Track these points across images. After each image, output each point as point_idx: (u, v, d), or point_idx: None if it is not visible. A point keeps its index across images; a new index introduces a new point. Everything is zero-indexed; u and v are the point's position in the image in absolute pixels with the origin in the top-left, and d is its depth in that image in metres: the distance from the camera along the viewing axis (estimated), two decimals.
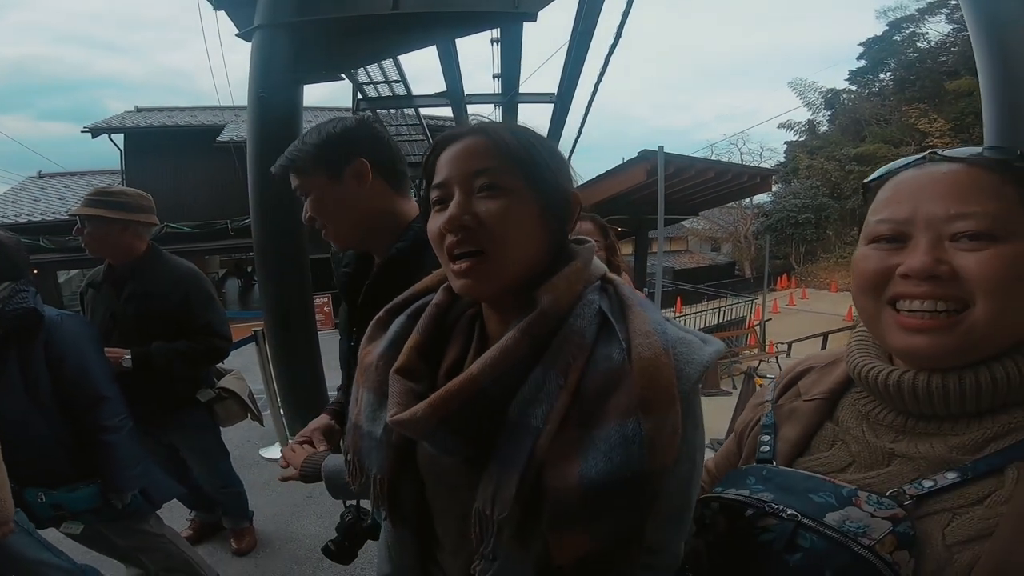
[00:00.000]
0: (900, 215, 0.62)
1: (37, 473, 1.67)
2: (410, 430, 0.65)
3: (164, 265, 2.22)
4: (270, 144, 3.54)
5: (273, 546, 2.74)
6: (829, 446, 0.71)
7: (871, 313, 0.66)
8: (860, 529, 0.58)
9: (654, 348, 0.62)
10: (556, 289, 0.66)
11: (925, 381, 0.61)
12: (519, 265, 0.66)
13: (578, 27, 4.66)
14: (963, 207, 0.58)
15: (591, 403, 0.62)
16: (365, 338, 0.83)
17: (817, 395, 0.76)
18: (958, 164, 0.61)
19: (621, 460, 0.59)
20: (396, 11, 3.46)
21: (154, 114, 14.95)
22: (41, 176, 15.76)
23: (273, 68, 3.49)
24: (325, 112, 15.80)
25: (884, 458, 0.65)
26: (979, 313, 0.57)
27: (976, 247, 0.57)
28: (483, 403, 0.62)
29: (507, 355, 0.63)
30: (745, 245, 27.94)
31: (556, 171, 0.70)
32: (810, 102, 28.71)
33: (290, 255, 3.66)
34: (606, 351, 0.64)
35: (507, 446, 0.62)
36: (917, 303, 0.60)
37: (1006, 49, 0.77)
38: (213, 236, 13.57)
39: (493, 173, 0.66)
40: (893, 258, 0.62)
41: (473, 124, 0.72)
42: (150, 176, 13.92)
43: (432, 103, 7.00)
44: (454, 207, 0.66)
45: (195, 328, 2.18)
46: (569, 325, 0.65)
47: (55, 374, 1.67)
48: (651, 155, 8.76)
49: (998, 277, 0.56)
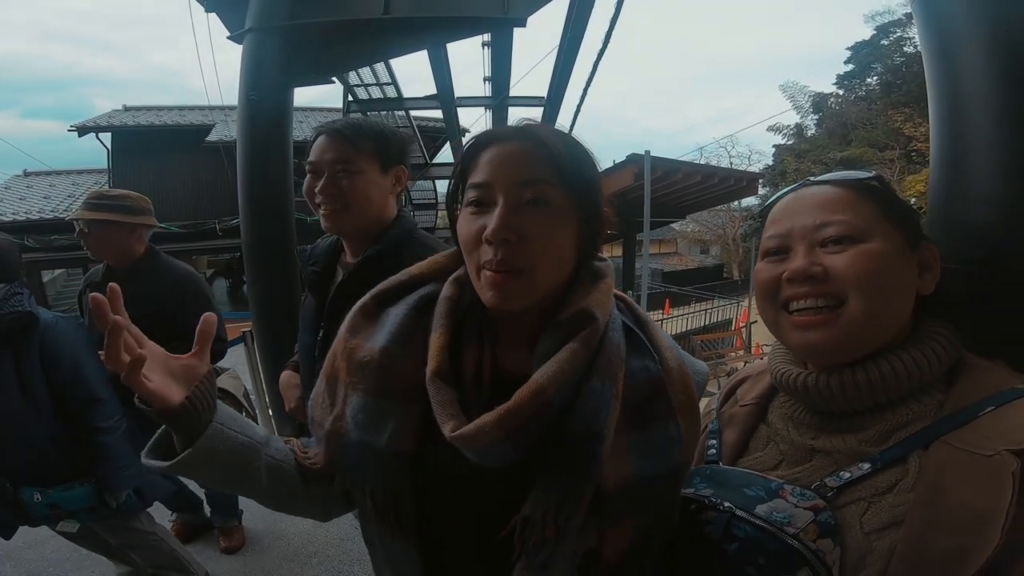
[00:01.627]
0: (781, 230, 0.73)
1: (33, 473, 1.70)
2: (472, 443, 0.61)
3: (162, 267, 2.23)
4: (260, 146, 3.56)
5: (262, 544, 2.77)
6: (763, 446, 0.79)
7: (772, 318, 0.74)
8: (785, 519, 0.64)
9: (678, 360, 0.71)
10: (602, 305, 0.68)
11: (825, 380, 0.69)
12: (551, 283, 0.67)
13: (567, 32, 4.71)
14: (828, 217, 0.69)
15: (637, 409, 0.67)
16: (347, 329, 0.74)
17: (750, 401, 0.85)
18: (825, 186, 0.73)
19: (665, 457, 0.67)
20: (387, 15, 3.49)
21: (142, 113, 14.80)
22: (26, 175, 15.55)
23: (264, 71, 3.49)
24: (315, 112, 15.76)
25: (807, 454, 0.72)
26: (853, 305, 0.66)
27: (841, 249, 0.67)
28: (546, 413, 0.62)
29: (573, 366, 0.63)
30: (733, 248, 28.13)
31: (599, 190, 0.70)
32: (799, 105, 28.97)
33: (279, 256, 3.66)
34: (641, 362, 0.69)
35: (573, 454, 0.62)
36: (802, 302, 0.69)
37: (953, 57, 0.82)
38: (201, 236, 13.47)
39: (542, 186, 0.64)
40: (779, 267, 0.72)
41: (525, 125, 0.68)
42: (137, 175, 13.80)
43: (423, 106, 7.03)
44: (499, 219, 0.63)
45: (192, 330, 2.14)
46: (609, 338, 0.68)
47: (50, 376, 1.69)
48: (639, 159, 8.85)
49: (863, 271, 0.65)
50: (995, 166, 0.80)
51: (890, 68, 25.47)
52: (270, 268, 3.73)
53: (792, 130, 29.49)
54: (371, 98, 7.04)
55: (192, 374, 0.68)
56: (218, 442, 0.67)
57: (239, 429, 0.71)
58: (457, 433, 0.61)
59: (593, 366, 0.65)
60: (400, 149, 1.42)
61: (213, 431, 0.67)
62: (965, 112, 0.84)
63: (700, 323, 12.75)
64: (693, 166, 10.93)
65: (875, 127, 25.06)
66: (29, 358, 1.66)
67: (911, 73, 24.28)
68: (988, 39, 0.81)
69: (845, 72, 27.62)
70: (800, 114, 29.21)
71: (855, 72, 27.30)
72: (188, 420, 0.65)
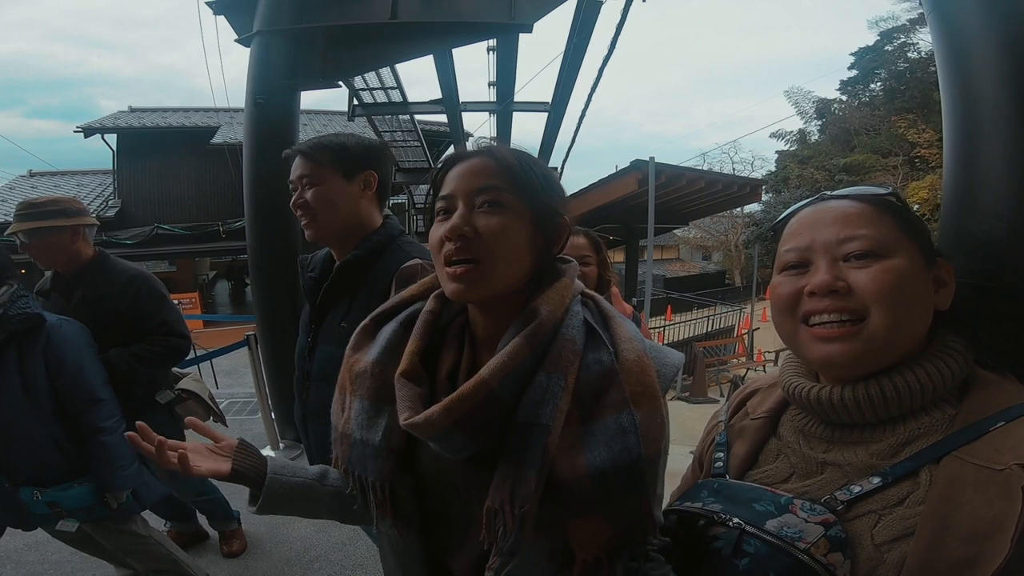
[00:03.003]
0: (802, 243, 0.72)
1: (32, 473, 1.71)
2: (423, 432, 0.69)
3: (113, 268, 2.18)
4: (266, 149, 3.57)
5: (263, 548, 2.76)
6: (774, 459, 0.79)
7: (789, 332, 0.74)
8: (796, 534, 0.64)
9: (637, 351, 0.72)
10: (552, 301, 0.73)
11: (840, 393, 0.69)
12: (508, 276, 0.73)
13: (573, 38, 4.73)
14: (851, 231, 0.69)
15: (588, 401, 0.69)
16: (350, 347, 0.85)
17: (761, 414, 0.84)
18: (845, 200, 0.72)
19: (620, 447, 0.66)
20: (394, 20, 3.51)
21: (147, 114, 14.89)
22: (32, 175, 15.61)
23: (271, 74, 3.52)
24: (321, 115, 15.82)
25: (817, 467, 0.72)
26: (876, 320, 0.66)
27: (864, 264, 0.67)
28: (493, 405, 0.67)
29: (514, 360, 0.68)
30: (735, 254, 28.09)
31: (551, 197, 0.77)
32: (803, 111, 28.97)
33: (283, 260, 3.67)
34: (596, 355, 0.71)
35: (520, 445, 0.67)
36: (825, 316, 0.68)
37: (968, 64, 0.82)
38: (204, 238, 13.52)
39: (494, 191, 0.73)
40: (800, 281, 0.71)
41: (481, 146, 0.79)
42: (142, 176, 13.88)
43: (427, 110, 7.04)
44: (456, 218, 0.72)
45: (150, 329, 2.15)
46: (563, 333, 0.72)
47: (53, 376, 1.70)
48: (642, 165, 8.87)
49: (886, 287, 0.65)
50: (1009, 181, 0.80)
51: (894, 74, 25.47)
52: (274, 271, 3.74)
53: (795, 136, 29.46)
54: (376, 102, 7.06)
55: (227, 447, 0.86)
56: (277, 488, 0.86)
57: (291, 474, 0.88)
58: (408, 421, 0.69)
59: (543, 360, 0.70)
60: (365, 155, 1.47)
61: (269, 482, 0.85)
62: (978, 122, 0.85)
63: (703, 330, 12.73)
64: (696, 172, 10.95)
65: (879, 133, 25.04)
66: (33, 359, 1.68)
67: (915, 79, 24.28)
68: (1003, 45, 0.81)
69: (849, 78, 27.60)
70: (803, 120, 29.20)
71: (859, 78, 27.29)
72: (246, 481, 0.84)
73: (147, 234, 13.13)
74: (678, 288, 20.64)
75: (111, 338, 2.04)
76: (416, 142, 10.01)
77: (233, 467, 0.83)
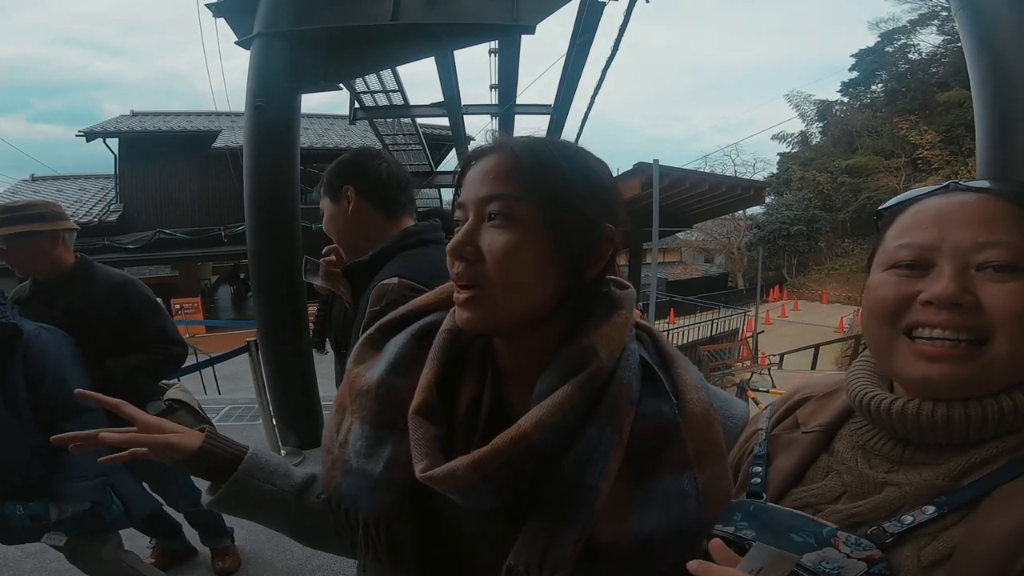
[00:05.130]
0: (924, 240, 0.60)
1: (14, 486, 1.67)
2: (444, 487, 0.58)
3: (98, 275, 2.09)
4: (267, 152, 3.55)
5: (264, 556, 2.71)
6: (823, 476, 0.70)
7: (884, 341, 0.63)
8: (835, 570, 0.58)
9: (704, 403, 0.63)
10: (610, 342, 0.62)
11: (931, 410, 0.60)
12: (518, 304, 0.61)
13: (576, 40, 4.70)
14: (991, 236, 0.57)
15: (644, 457, 0.60)
16: (352, 359, 0.75)
17: (816, 427, 0.75)
18: (984, 194, 0.60)
19: (677, 513, 0.59)
20: (395, 22, 3.48)
21: (149, 118, 14.93)
22: (34, 179, 15.65)
23: (271, 76, 3.49)
24: (322, 119, 15.81)
25: (875, 487, 0.64)
26: (999, 347, 0.56)
27: (1002, 279, 0.56)
28: (531, 457, 0.57)
29: (563, 411, 0.58)
30: (738, 257, 28.06)
31: (587, 202, 0.62)
32: (804, 113, 28.99)
33: (284, 264, 3.65)
34: (655, 404, 0.62)
35: (559, 503, 0.58)
36: (937, 331, 0.58)
37: (999, 61, 0.79)
38: (206, 243, 13.54)
39: (505, 200, 0.60)
40: (914, 285, 0.60)
41: (501, 138, 0.65)
42: (144, 180, 13.91)
43: (429, 113, 7.02)
44: (459, 235, 0.62)
45: (147, 337, 2.08)
46: (619, 377, 0.61)
47: (34, 387, 1.65)
48: (646, 168, 8.84)
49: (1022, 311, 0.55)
50: None
51: (895, 75, 25.52)
52: (274, 276, 3.71)
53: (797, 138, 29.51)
54: (377, 105, 7.04)
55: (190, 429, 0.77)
56: (242, 487, 0.75)
57: (266, 480, 0.77)
58: (427, 474, 0.58)
59: (595, 410, 0.60)
60: (339, 172, 1.49)
61: (236, 479, 0.75)
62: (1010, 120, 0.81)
63: (707, 333, 12.67)
64: (700, 175, 10.92)
65: (881, 135, 25.08)
66: (13, 370, 1.63)
67: (916, 80, 24.34)
68: None
69: (850, 80, 27.66)
70: (805, 122, 29.25)
71: (860, 79, 27.36)
72: (215, 459, 0.75)
73: (149, 238, 13.14)
74: (680, 291, 20.58)
75: (98, 347, 1.96)
76: (418, 145, 10.00)
77: (204, 443, 0.74)
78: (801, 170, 27.18)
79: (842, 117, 27.88)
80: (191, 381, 5.65)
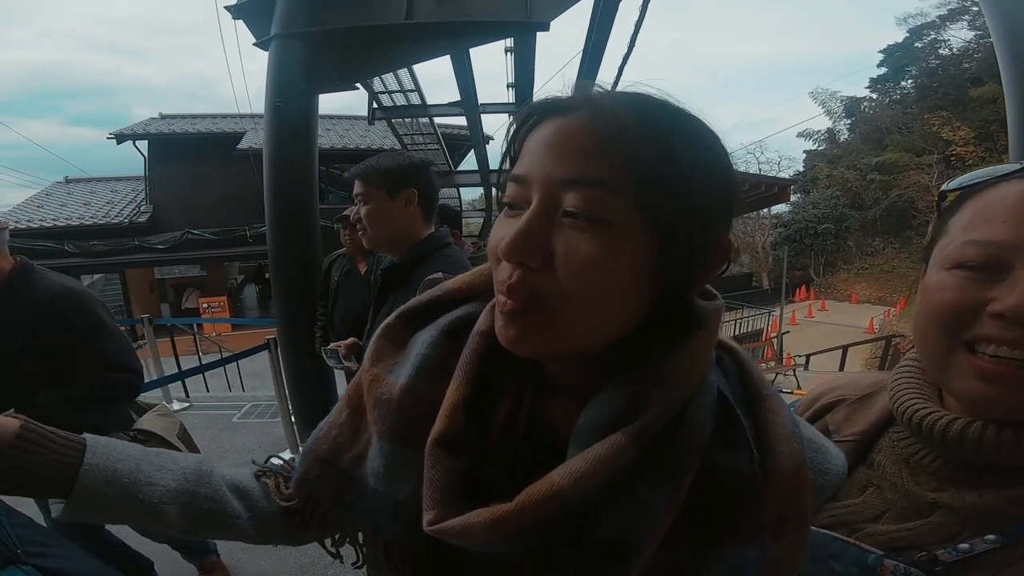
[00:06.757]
0: (1001, 237, 0.49)
1: None
2: (457, 541, 0.46)
3: (34, 284, 1.72)
4: (285, 152, 3.58)
5: (277, 551, 2.68)
6: (860, 491, 0.62)
7: (940, 352, 0.54)
8: None
9: (796, 459, 0.48)
10: (683, 375, 0.46)
11: (996, 433, 0.52)
12: (594, 333, 0.46)
13: (591, 37, 4.66)
14: None
15: (705, 519, 0.47)
16: (369, 355, 0.61)
17: (851, 435, 0.66)
18: None
19: None
20: (410, 21, 3.49)
21: (177, 121, 15.27)
22: (68, 181, 16.16)
23: (289, 77, 3.53)
24: (343, 120, 15.99)
25: (923, 508, 0.56)
26: None
27: None
28: (563, 520, 0.45)
29: (608, 468, 0.43)
30: (763, 256, 27.61)
31: (709, 203, 0.45)
32: (830, 110, 28.44)
33: (304, 263, 3.68)
34: (730, 455, 0.48)
35: (592, 562, 0.46)
36: (1005, 349, 0.48)
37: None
38: (232, 242, 13.81)
39: (595, 189, 0.42)
40: (983, 292, 0.50)
41: (594, 92, 0.46)
42: (173, 182, 14.23)
43: (446, 112, 7.03)
44: (518, 231, 0.43)
45: (87, 361, 1.73)
46: (687, 420, 0.46)
47: None
48: None
49: None
50: None
51: (925, 71, 24.89)
52: (294, 275, 3.75)
53: (823, 135, 28.94)
54: (395, 105, 7.08)
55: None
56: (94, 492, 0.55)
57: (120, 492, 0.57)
58: (435, 527, 0.46)
59: (650, 463, 0.45)
60: (406, 174, 1.65)
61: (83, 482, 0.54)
62: None
63: (730, 333, 12.50)
64: None
65: (911, 131, 24.49)
66: None
67: (947, 76, 23.70)
68: None
69: (878, 75, 27.09)
70: (832, 119, 28.68)
71: (888, 75, 26.76)
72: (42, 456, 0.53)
73: (178, 239, 13.46)
74: None
75: (37, 374, 1.67)
76: (436, 145, 10.03)
77: (20, 430, 0.52)
78: (828, 167, 26.66)
79: (871, 114, 27.27)
80: (216, 378, 5.77)
